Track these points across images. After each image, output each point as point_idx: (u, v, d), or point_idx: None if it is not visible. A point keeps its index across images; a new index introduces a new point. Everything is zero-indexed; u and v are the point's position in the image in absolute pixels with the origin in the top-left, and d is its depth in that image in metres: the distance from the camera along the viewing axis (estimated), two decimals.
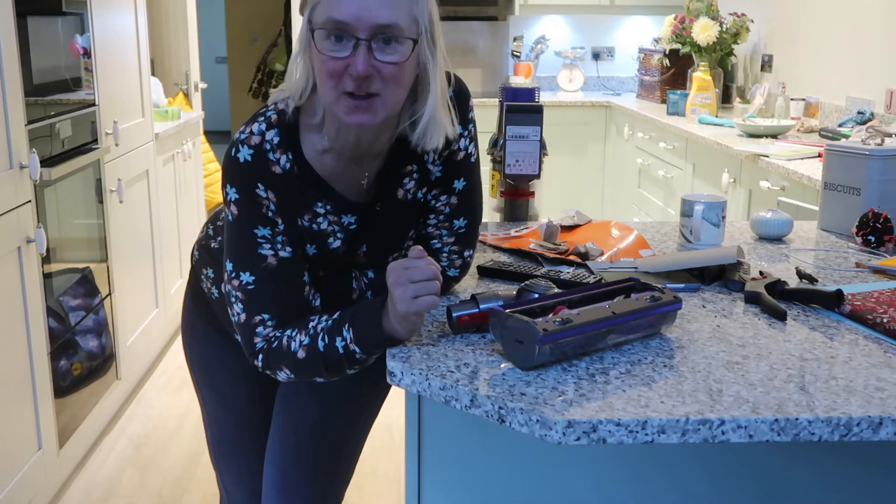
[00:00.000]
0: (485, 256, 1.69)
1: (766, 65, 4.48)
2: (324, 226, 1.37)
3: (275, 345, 1.32)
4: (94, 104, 3.02)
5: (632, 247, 1.77)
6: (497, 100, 2.03)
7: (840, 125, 3.42)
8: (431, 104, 1.31)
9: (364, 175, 1.38)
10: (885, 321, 1.32)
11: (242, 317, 1.34)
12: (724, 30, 4.44)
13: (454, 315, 1.29)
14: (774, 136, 3.54)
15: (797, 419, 1.05)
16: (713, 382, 1.14)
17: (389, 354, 1.23)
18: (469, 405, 1.11)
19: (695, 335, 1.31)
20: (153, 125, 3.72)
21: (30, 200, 2.46)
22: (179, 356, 3.42)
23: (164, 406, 3.35)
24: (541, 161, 1.94)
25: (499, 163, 1.97)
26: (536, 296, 1.30)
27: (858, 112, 3.37)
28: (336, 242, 1.39)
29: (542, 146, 1.94)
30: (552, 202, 2.64)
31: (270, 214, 1.31)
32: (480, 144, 1.51)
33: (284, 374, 1.34)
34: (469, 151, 1.44)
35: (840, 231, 1.92)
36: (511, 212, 2.02)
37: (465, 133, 1.42)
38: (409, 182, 1.41)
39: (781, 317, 1.38)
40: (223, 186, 1.33)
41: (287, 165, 1.31)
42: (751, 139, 3.53)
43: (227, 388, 1.67)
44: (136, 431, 3.15)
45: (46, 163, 2.57)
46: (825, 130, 3.43)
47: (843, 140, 3.06)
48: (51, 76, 2.66)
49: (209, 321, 1.62)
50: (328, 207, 1.36)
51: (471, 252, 1.49)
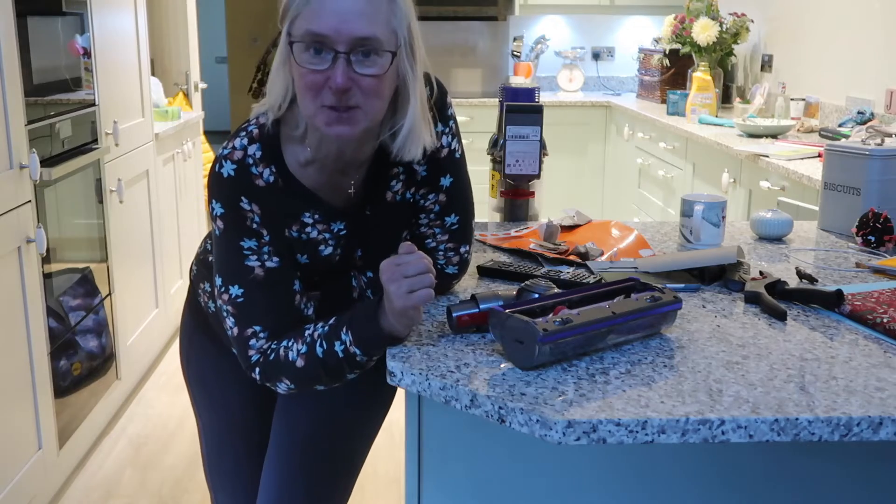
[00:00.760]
0: (485, 256, 1.69)
1: (766, 65, 4.48)
2: (313, 234, 1.37)
3: (272, 357, 1.32)
4: (94, 104, 3.02)
5: (632, 247, 1.77)
6: (497, 100, 2.03)
7: (840, 125, 3.42)
8: (411, 116, 1.32)
9: (350, 184, 1.38)
10: (885, 321, 1.32)
11: (235, 330, 1.34)
12: (724, 30, 4.44)
13: (454, 315, 1.29)
14: (774, 136, 3.54)
15: (797, 419, 1.05)
16: (713, 382, 1.14)
17: (389, 354, 1.23)
18: (469, 405, 1.11)
19: (695, 335, 1.31)
20: (153, 125, 3.72)
21: (30, 200, 2.46)
22: None
23: (164, 406, 3.35)
24: (541, 161, 1.94)
25: (499, 163, 1.97)
26: (536, 296, 1.30)
27: (858, 112, 3.37)
28: (328, 250, 1.39)
29: (542, 146, 1.94)
30: (552, 202, 2.63)
31: (255, 226, 1.31)
32: (481, 144, 1.51)
33: (284, 386, 1.33)
34: (452, 148, 1.44)
35: (840, 231, 1.92)
36: (511, 212, 2.02)
37: (447, 130, 1.42)
38: (397, 184, 1.41)
39: (781, 317, 1.38)
40: (209, 202, 1.34)
41: (271, 178, 1.32)
42: (751, 139, 3.52)
43: (224, 403, 1.64)
44: (136, 431, 3.15)
45: (46, 163, 2.57)
46: (825, 130, 3.43)
47: (843, 140, 3.06)
48: (51, 76, 2.66)
49: (207, 335, 1.61)
50: (316, 216, 1.36)
51: (467, 248, 1.48)
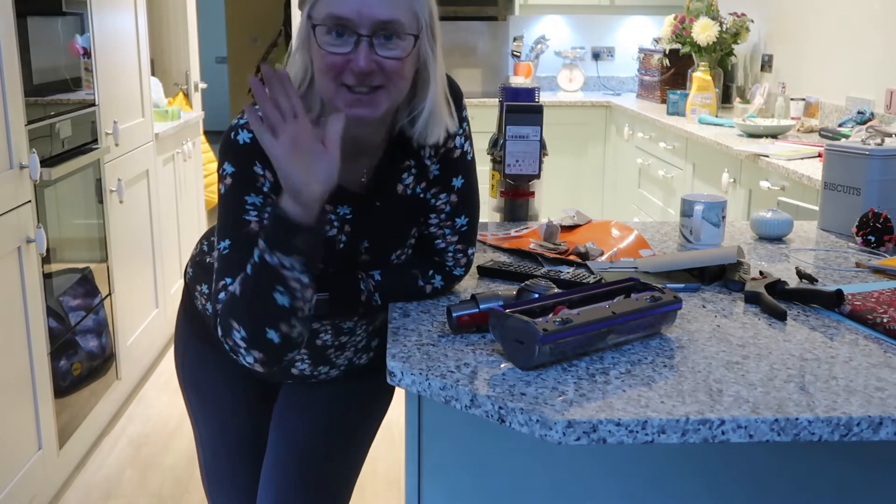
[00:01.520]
0: (485, 256, 1.69)
1: (766, 65, 4.48)
2: None
3: (226, 300, 1.25)
4: (94, 104, 3.02)
5: (632, 247, 1.77)
6: (497, 100, 2.03)
7: (840, 125, 3.42)
8: (432, 99, 1.31)
9: (363, 171, 1.37)
10: (885, 321, 1.32)
11: (212, 286, 1.28)
12: (724, 30, 4.44)
13: (454, 315, 1.29)
14: (774, 136, 3.54)
15: (797, 419, 1.05)
16: (713, 382, 1.14)
17: (389, 355, 1.23)
18: (469, 405, 1.11)
19: (695, 335, 1.31)
20: (153, 125, 3.72)
21: (30, 200, 2.46)
22: None
23: (164, 406, 3.35)
24: (541, 161, 1.94)
25: (499, 163, 1.97)
26: (536, 296, 1.30)
27: (858, 112, 3.37)
28: (331, 231, 1.37)
29: (542, 146, 1.94)
30: (552, 202, 2.63)
31: (265, 189, 1.28)
32: (481, 144, 1.51)
33: (237, 333, 1.22)
34: (465, 150, 1.44)
35: (840, 231, 1.92)
36: (511, 212, 2.02)
37: (461, 132, 1.43)
38: (408, 177, 1.41)
39: (781, 317, 1.38)
40: (219, 166, 1.30)
41: None
42: (751, 139, 3.53)
43: (219, 410, 1.62)
44: (136, 431, 3.15)
45: (46, 163, 2.57)
46: (825, 130, 3.43)
47: (843, 140, 3.06)
48: (51, 76, 2.66)
49: (203, 340, 1.57)
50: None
51: (473, 250, 1.49)
